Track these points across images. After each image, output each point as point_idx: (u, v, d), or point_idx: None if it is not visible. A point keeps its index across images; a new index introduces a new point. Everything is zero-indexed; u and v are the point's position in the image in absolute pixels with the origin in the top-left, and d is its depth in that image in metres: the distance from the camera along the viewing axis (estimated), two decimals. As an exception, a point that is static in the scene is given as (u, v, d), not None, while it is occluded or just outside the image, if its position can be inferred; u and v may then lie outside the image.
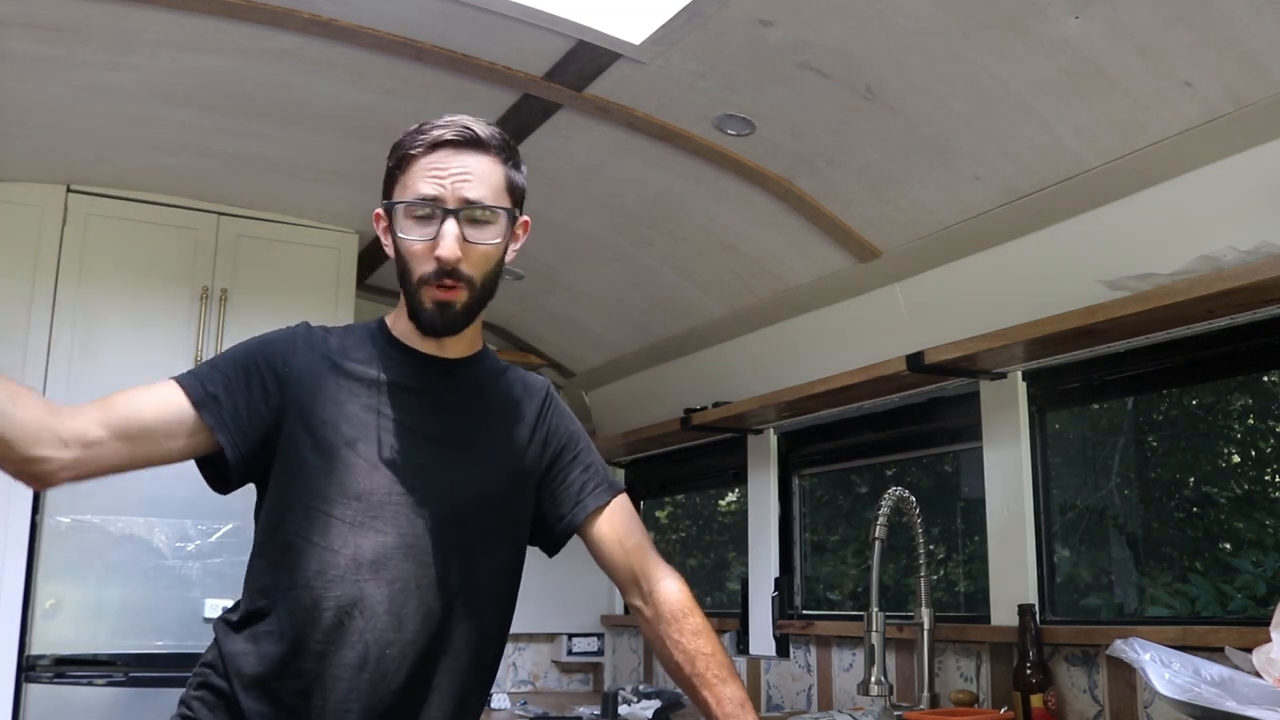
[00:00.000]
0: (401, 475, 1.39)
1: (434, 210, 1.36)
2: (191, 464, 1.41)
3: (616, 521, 1.55)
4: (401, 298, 1.45)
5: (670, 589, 1.52)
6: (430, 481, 1.41)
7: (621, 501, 1.58)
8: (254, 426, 1.38)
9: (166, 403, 1.35)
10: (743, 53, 2.21)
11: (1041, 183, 2.25)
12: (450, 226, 1.36)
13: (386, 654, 1.36)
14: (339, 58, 2.42)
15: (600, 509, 1.55)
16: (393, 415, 1.41)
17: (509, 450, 1.50)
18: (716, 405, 3.35)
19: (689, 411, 3.45)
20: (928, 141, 2.29)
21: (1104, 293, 2.22)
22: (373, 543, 1.36)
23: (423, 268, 1.37)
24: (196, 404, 1.35)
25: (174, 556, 3.08)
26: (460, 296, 1.38)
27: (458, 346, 1.48)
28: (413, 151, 1.38)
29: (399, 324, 1.48)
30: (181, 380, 1.37)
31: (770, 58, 2.20)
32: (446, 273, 1.36)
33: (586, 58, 2.31)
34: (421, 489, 1.40)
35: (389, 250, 1.43)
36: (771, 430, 3.40)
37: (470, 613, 1.43)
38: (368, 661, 1.35)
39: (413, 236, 1.37)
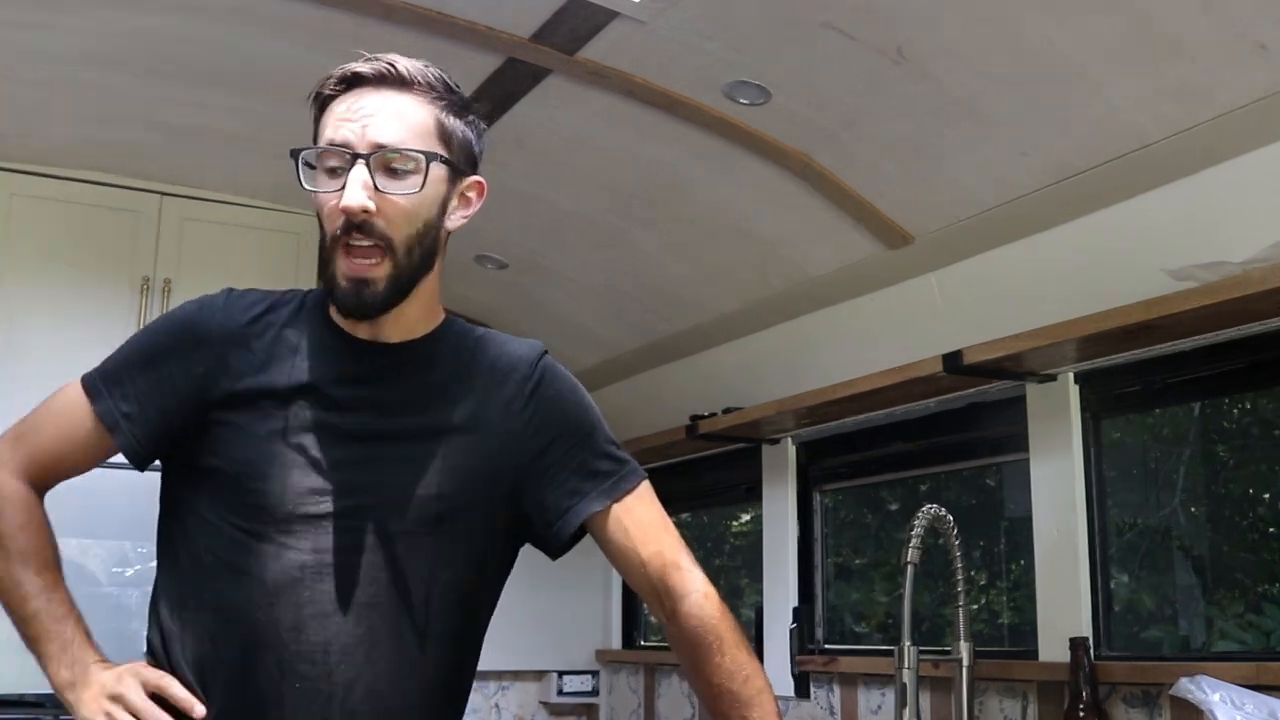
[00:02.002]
0: (324, 483, 1.35)
1: (343, 157, 1.33)
2: (131, 480, 1.45)
3: (629, 525, 1.45)
4: None
5: (695, 608, 1.41)
6: (360, 488, 1.36)
7: (634, 499, 1.46)
8: (166, 433, 1.39)
9: (81, 429, 1.43)
10: (756, 10, 2.21)
11: (1096, 159, 2.25)
12: (356, 173, 1.31)
13: (297, 689, 1.31)
14: (297, 16, 2.43)
15: (603, 513, 1.45)
16: (318, 412, 1.37)
17: (464, 441, 1.42)
18: (727, 411, 3.35)
19: (696, 418, 3.45)
20: (967, 112, 2.29)
21: (1167, 284, 2.22)
22: (283, 562, 1.33)
23: (332, 225, 1.33)
24: (110, 429, 1.41)
25: (111, 583, 3.08)
26: (379, 271, 1.33)
27: (398, 328, 1.42)
28: (326, 92, 1.37)
29: None
30: (97, 406, 1.41)
31: (787, 16, 2.20)
32: (355, 227, 1.31)
33: (579, 16, 2.31)
34: (349, 497, 1.35)
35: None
36: (789, 440, 3.40)
37: (417, 644, 1.38)
38: (282, 699, 1.32)
39: (320, 189, 1.34)
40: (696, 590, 1.42)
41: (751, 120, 2.56)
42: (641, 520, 1.46)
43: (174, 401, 1.38)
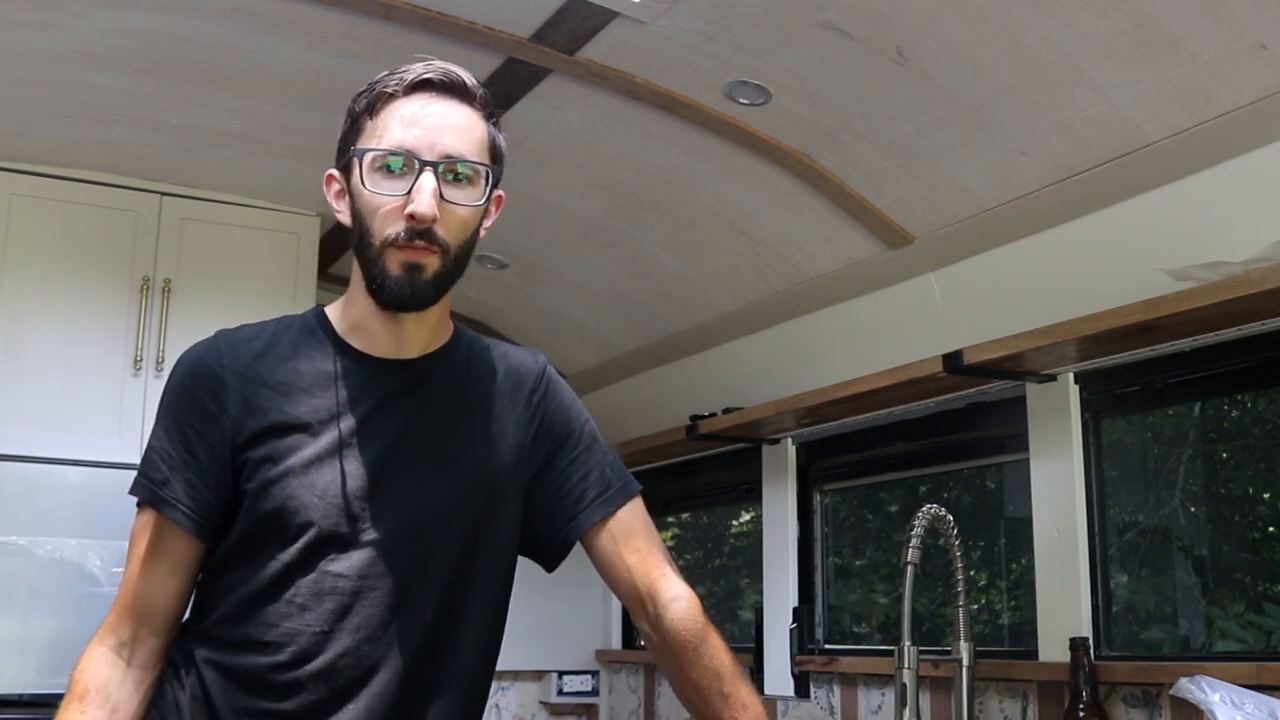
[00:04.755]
0: (355, 505, 1.36)
1: (409, 162, 1.33)
2: (128, 479, 1.42)
3: (618, 534, 1.49)
4: (352, 283, 1.43)
5: (678, 613, 1.44)
6: (389, 507, 1.38)
7: (628, 511, 1.51)
8: (221, 497, 1.38)
9: (177, 553, 1.39)
10: (756, 11, 2.21)
11: (1096, 159, 2.25)
12: (428, 180, 1.32)
13: (350, 709, 1.34)
14: (297, 16, 2.42)
15: (602, 521, 1.49)
16: (348, 435, 1.38)
17: (486, 453, 1.45)
18: (727, 411, 3.35)
19: (696, 419, 3.45)
20: (967, 112, 2.29)
21: (1167, 284, 2.22)
22: (328, 588, 1.35)
23: (390, 228, 1.33)
24: (197, 535, 1.39)
25: (111, 584, 3.07)
26: (433, 262, 1.34)
27: (419, 339, 1.44)
28: (388, 90, 1.37)
29: (345, 319, 1.44)
30: (165, 512, 1.37)
31: (788, 16, 2.20)
32: (419, 233, 1.32)
33: (579, 16, 2.31)
34: (380, 517, 1.37)
35: (343, 217, 1.41)
36: (789, 440, 3.40)
37: (452, 650, 1.41)
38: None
39: (382, 191, 1.33)
40: (679, 596, 1.46)
41: (752, 121, 2.56)
42: (631, 529, 1.51)
43: (211, 462, 1.38)
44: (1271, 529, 2.58)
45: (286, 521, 1.35)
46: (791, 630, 3.29)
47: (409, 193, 1.32)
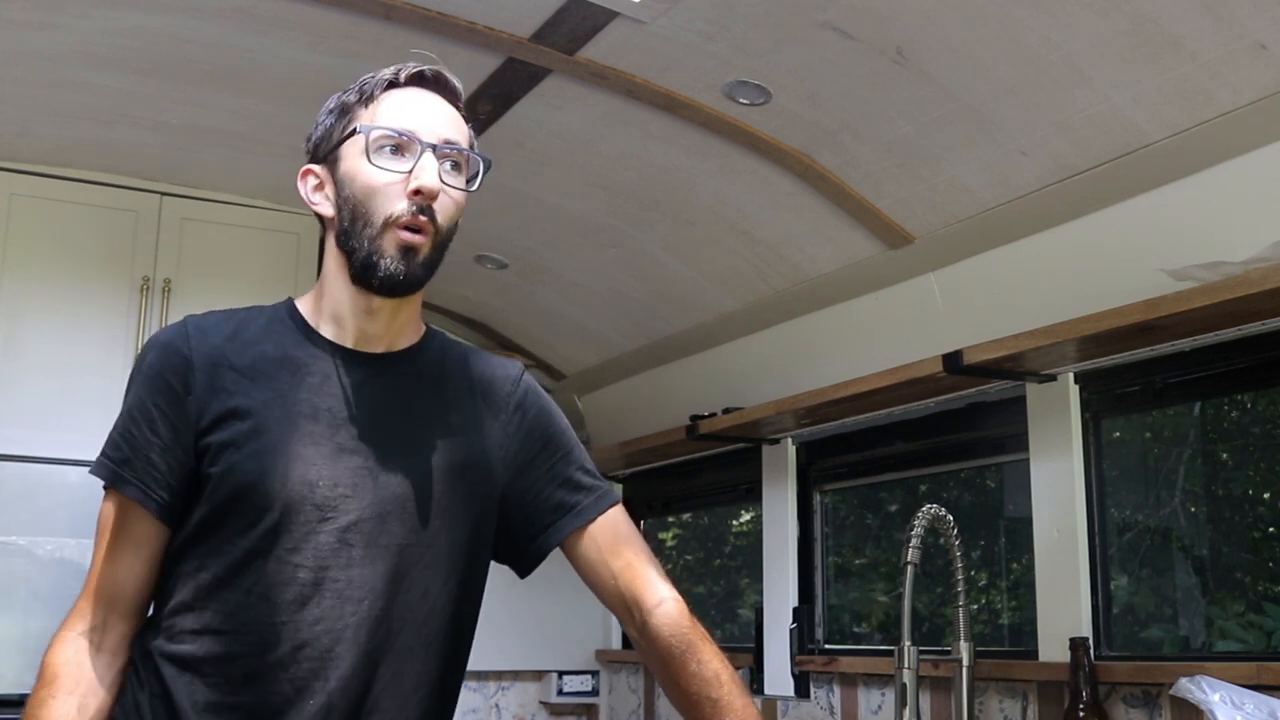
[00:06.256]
0: (318, 494, 1.35)
1: (409, 143, 1.37)
2: None
3: (602, 541, 1.49)
4: (324, 275, 1.44)
5: (665, 618, 1.45)
6: (353, 497, 1.36)
7: (610, 517, 1.51)
8: (183, 479, 1.38)
9: (139, 535, 1.40)
10: (757, 11, 2.21)
11: (1096, 159, 2.25)
12: (429, 160, 1.36)
13: (311, 704, 1.32)
14: (297, 16, 2.43)
15: (583, 528, 1.49)
16: (313, 425, 1.37)
17: (456, 452, 1.44)
18: (727, 411, 3.35)
19: (696, 419, 3.45)
20: (967, 112, 2.30)
21: (1167, 284, 2.23)
22: (287, 579, 1.33)
23: (392, 206, 1.35)
24: (157, 515, 1.39)
25: (110, 583, 3.08)
26: (425, 243, 1.37)
27: (390, 335, 1.44)
28: (386, 78, 1.42)
29: (316, 310, 1.45)
30: (124, 490, 1.39)
31: (788, 16, 2.20)
32: (422, 210, 1.35)
33: (579, 16, 2.31)
34: (343, 508, 1.36)
35: (323, 208, 1.42)
36: (789, 440, 3.40)
37: (416, 647, 1.39)
38: (295, 716, 1.33)
39: (387, 167, 1.36)
40: (665, 600, 1.46)
41: (752, 121, 2.56)
42: (615, 534, 1.51)
43: (174, 443, 1.37)
44: (1271, 529, 2.58)
45: (247, 507, 1.34)
46: (791, 630, 3.29)
47: (410, 171, 1.36)
